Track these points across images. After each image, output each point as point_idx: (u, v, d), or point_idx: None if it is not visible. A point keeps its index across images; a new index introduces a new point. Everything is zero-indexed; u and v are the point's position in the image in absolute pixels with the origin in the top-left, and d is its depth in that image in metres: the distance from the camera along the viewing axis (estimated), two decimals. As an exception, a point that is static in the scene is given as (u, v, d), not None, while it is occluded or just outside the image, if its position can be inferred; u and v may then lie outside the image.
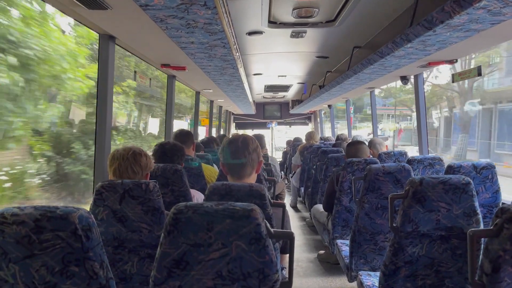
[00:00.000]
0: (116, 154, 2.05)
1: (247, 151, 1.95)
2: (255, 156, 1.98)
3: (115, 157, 2.04)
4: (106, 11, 2.08)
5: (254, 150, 1.97)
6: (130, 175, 2.02)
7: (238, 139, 1.98)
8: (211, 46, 2.69)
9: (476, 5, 1.73)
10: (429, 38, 2.40)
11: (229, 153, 1.95)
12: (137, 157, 2.05)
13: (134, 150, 2.06)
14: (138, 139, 9.24)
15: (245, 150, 1.95)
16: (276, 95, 9.57)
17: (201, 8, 1.85)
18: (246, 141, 1.97)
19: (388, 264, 1.96)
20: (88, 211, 1.16)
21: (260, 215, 1.22)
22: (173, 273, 1.24)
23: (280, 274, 1.30)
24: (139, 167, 2.05)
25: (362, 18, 3.22)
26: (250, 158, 1.95)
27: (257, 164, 2.00)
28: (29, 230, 1.10)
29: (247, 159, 1.95)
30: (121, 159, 2.02)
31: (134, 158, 2.04)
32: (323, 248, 4.24)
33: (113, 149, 2.20)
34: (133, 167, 2.03)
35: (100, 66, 2.67)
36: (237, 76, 4.16)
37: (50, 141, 5.60)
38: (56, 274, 1.13)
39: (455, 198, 1.85)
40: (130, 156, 2.03)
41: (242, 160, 1.94)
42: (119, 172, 2.02)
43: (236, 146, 1.95)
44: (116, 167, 2.02)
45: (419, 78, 4.20)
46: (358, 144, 3.54)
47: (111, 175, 2.05)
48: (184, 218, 1.21)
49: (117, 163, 2.02)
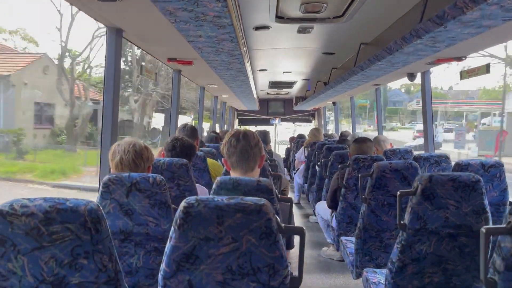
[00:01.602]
0: (117, 148, 2.05)
1: (248, 146, 1.96)
2: (257, 151, 1.99)
3: (117, 150, 2.05)
4: (115, 3, 2.07)
5: (256, 145, 1.99)
6: (132, 167, 2.02)
7: (239, 134, 1.99)
8: (219, 40, 2.67)
9: (490, 0, 1.71)
10: (440, 34, 2.37)
11: (231, 148, 1.97)
12: (139, 150, 2.05)
13: (135, 143, 2.06)
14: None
15: (247, 145, 1.96)
16: (280, 91, 9.54)
17: (211, 1, 1.83)
18: (247, 136, 1.98)
19: (395, 261, 1.95)
20: (97, 203, 1.16)
21: (271, 210, 1.21)
22: (183, 267, 1.23)
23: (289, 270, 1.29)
24: (141, 159, 2.05)
25: (370, 14, 3.19)
26: (252, 152, 1.97)
27: (259, 159, 2.02)
28: (38, 222, 1.09)
29: (249, 153, 1.96)
30: (122, 152, 2.02)
31: (136, 151, 2.03)
32: (327, 245, 4.24)
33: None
34: (136, 160, 2.03)
35: (108, 60, 2.65)
36: (243, 71, 4.14)
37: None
38: (65, 266, 1.12)
39: (464, 196, 1.83)
40: (131, 149, 2.03)
41: (244, 155, 1.95)
42: (121, 165, 2.02)
43: (237, 141, 1.96)
44: (118, 160, 2.02)
45: (426, 75, 4.17)
46: (364, 141, 3.53)
47: (113, 169, 2.05)
48: (194, 212, 1.20)
49: (119, 156, 2.02)
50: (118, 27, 2.62)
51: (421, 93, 4.29)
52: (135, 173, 1.88)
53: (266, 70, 6.34)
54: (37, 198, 1.13)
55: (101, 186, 1.86)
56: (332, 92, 6.23)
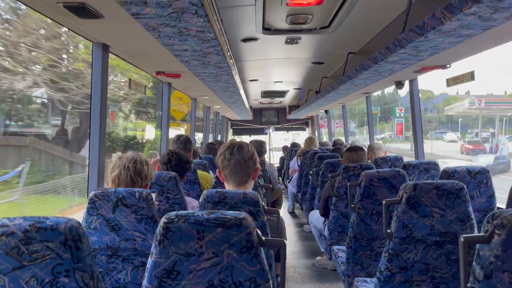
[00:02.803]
0: (118, 162, 2.04)
1: (242, 160, 1.96)
2: (251, 164, 1.99)
3: (117, 164, 2.03)
4: (98, 20, 2.09)
5: (250, 158, 1.99)
6: (129, 184, 2.01)
7: (233, 147, 2.00)
8: (205, 53, 2.70)
9: (467, 11, 1.74)
10: (422, 44, 2.41)
11: (225, 161, 1.97)
12: (139, 167, 2.03)
13: (136, 159, 2.04)
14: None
15: (241, 158, 1.96)
16: (273, 100, 9.58)
17: (192, 17, 1.85)
18: (242, 149, 1.98)
19: (383, 270, 1.96)
20: (78, 221, 1.16)
21: (251, 223, 1.21)
22: (164, 283, 1.23)
23: (275, 282, 1.29)
24: (139, 177, 2.03)
25: (355, 24, 3.24)
26: (246, 166, 1.97)
27: (253, 172, 2.02)
28: (18, 241, 1.09)
29: (243, 167, 1.96)
30: (122, 167, 2.01)
31: (135, 168, 2.02)
32: (321, 254, 4.23)
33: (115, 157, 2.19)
34: (133, 177, 2.01)
35: (94, 75, 2.66)
36: (232, 83, 4.16)
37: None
38: (46, 285, 1.12)
39: (448, 204, 1.85)
40: (131, 165, 2.02)
41: (237, 169, 1.96)
42: (118, 180, 2.01)
43: (231, 154, 1.97)
44: (116, 175, 2.01)
45: (414, 83, 4.22)
46: (357, 150, 3.53)
47: (111, 183, 2.04)
48: (174, 227, 1.20)
49: (118, 171, 2.01)
50: (104, 43, 2.64)
51: (409, 100, 4.32)
52: (121, 188, 1.87)
53: (258, 80, 6.38)
54: (17, 218, 1.13)
55: (87, 201, 1.86)
56: (323, 100, 6.27)
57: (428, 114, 33.35)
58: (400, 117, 23.45)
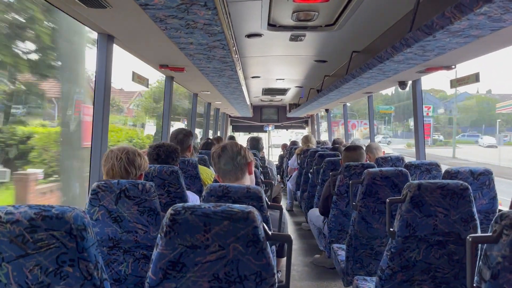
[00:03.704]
0: (110, 154, 2.05)
1: (229, 158, 2.05)
2: (241, 159, 2.06)
3: (109, 156, 2.04)
4: (106, 9, 2.07)
5: (238, 154, 2.06)
6: (124, 175, 2.01)
7: (221, 147, 2.09)
8: (210, 47, 2.68)
9: (477, 10, 1.73)
10: (429, 44, 2.40)
11: (217, 164, 2.08)
12: (131, 157, 2.04)
13: (128, 150, 2.06)
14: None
15: (228, 157, 2.05)
16: (273, 98, 9.57)
17: (201, 9, 1.84)
18: (226, 149, 2.07)
19: (384, 268, 1.95)
20: (83, 210, 1.15)
21: (258, 217, 1.20)
22: (169, 275, 1.22)
23: (277, 278, 1.29)
24: (133, 167, 2.04)
25: (361, 23, 3.22)
26: (235, 163, 2.05)
27: (246, 167, 2.08)
28: (23, 229, 1.08)
29: (232, 164, 2.05)
30: (115, 159, 2.01)
31: (128, 158, 2.03)
32: (319, 252, 4.23)
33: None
34: (127, 167, 2.02)
35: (98, 66, 2.65)
36: (236, 78, 4.15)
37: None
38: (50, 274, 1.11)
39: (452, 203, 1.84)
40: (124, 156, 2.02)
41: (227, 167, 2.04)
42: (112, 172, 2.01)
43: (218, 157, 2.06)
44: (110, 167, 2.01)
45: (417, 83, 4.21)
46: (356, 149, 3.54)
47: (105, 175, 2.04)
48: (181, 219, 1.19)
49: (111, 163, 2.02)
50: (110, 34, 2.62)
51: (412, 101, 4.32)
52: (124, 180, 1.86)
53: (259, 77, 6.36)
54: (22, 206, 1.11)
55: (89, 192, 1.84)
56: (325, 99, 6.26)
57: (451, 115, 30.81)
58: (428, 116, 20.78)
